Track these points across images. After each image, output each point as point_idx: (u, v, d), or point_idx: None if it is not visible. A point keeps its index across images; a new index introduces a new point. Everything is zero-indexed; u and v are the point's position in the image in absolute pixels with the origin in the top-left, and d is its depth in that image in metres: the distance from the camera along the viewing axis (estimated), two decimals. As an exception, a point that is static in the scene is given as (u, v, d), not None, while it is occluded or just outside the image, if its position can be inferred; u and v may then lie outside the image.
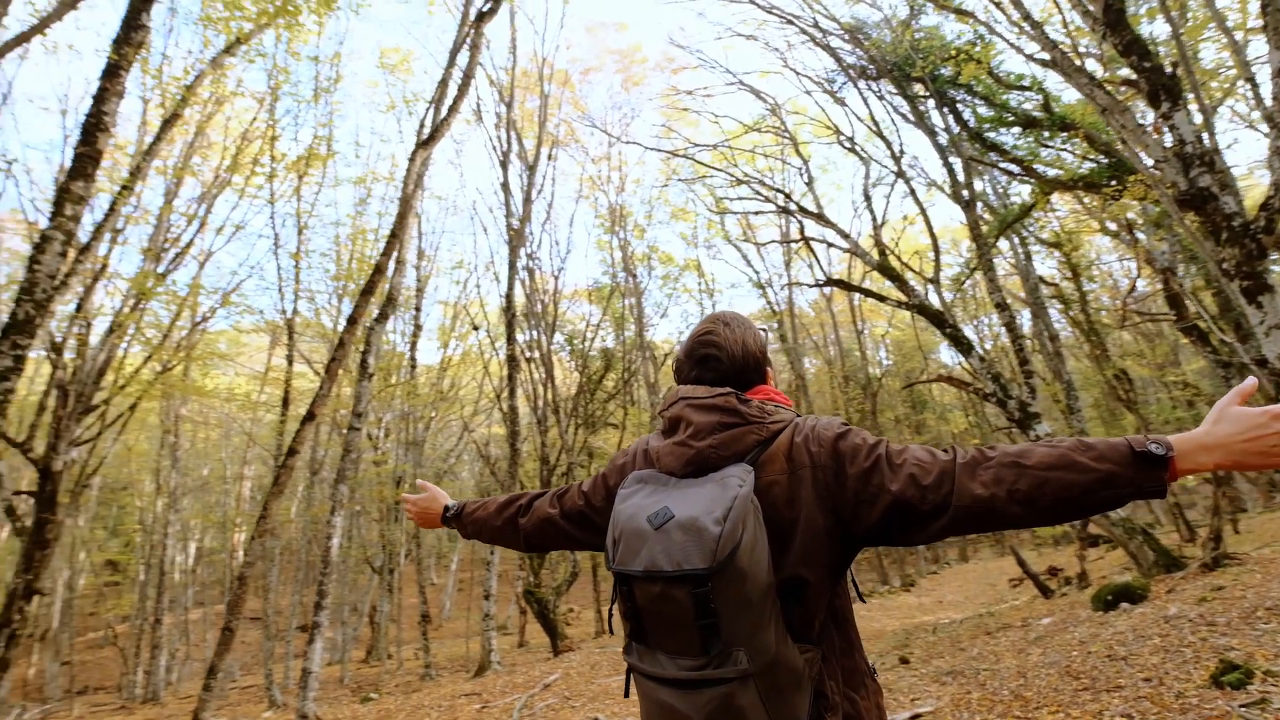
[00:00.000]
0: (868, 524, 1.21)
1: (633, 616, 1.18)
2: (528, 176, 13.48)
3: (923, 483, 1.15)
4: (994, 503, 1.10)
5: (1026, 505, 1.09)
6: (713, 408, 1.30)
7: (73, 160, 5.06)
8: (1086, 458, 1.07)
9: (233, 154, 13.54)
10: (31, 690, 21.09)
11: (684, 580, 1.08)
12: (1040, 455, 1.10)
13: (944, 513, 1.14)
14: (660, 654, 1.15)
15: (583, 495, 1.55)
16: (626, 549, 1.17)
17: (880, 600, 15.17)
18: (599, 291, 20.33)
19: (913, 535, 1.20)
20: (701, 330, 1.47)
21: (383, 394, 16.32)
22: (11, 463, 15.28)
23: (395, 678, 15.19)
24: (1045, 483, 1.08)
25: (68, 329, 12.70)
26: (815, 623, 1.23)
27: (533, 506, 1.63)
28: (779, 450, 1.26)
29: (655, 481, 1.27)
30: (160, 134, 8.75)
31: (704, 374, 1.42)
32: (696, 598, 1.07)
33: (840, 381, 21.10)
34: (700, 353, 1.43)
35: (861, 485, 1.20)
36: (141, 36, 5.47)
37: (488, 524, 1.72)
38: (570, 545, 1.60)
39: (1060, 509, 1.08)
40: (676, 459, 1.28)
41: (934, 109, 11.84)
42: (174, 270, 13.46)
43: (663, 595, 1.10)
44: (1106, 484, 1.05)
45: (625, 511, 1.22)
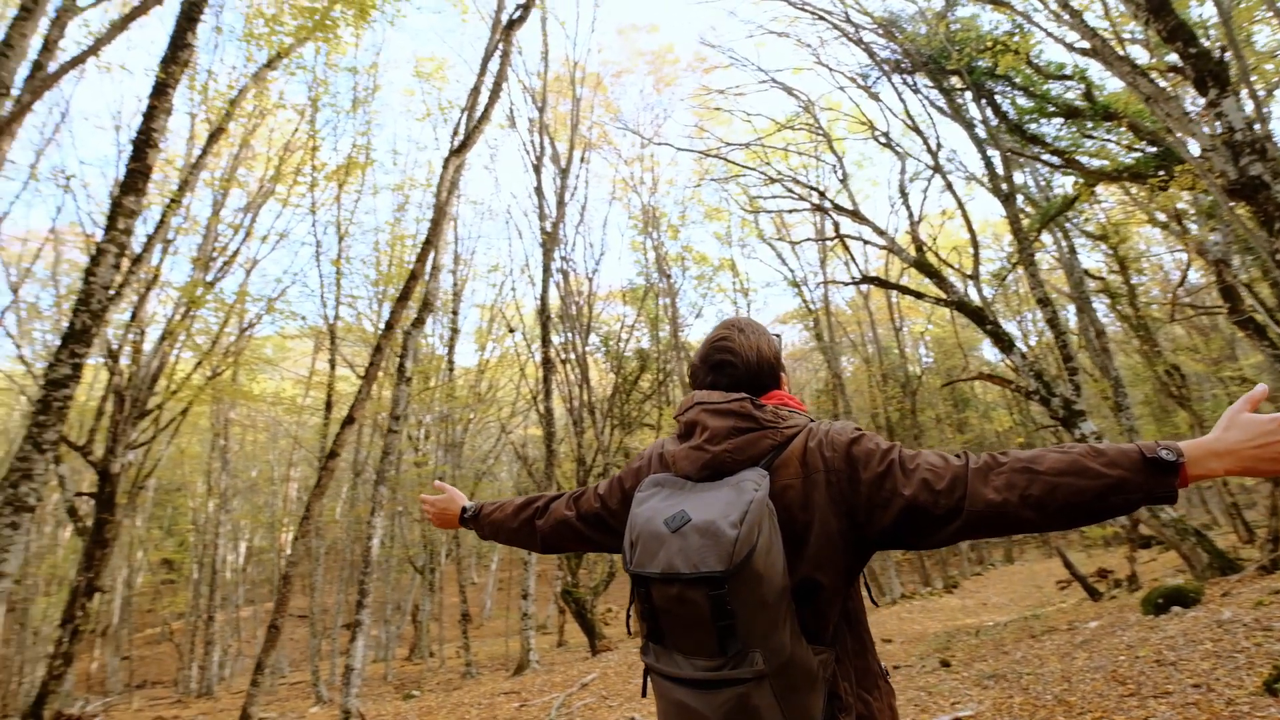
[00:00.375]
0: (881, 527, 1.22)
1: (650, 617, 1.19)
2: (561, 180, 13.60)
3: (936, 487, 1.17)
4: (1006, 507, 1.11)
5: (1038, 510, 1.10)
6: (728, 413, 1.32)
7: (124, 176, 5.27)
8: (1098, 464, 1.08)
9: (276, 164, 13.95)
10: (94, 683, 21.98)
11: (701, 582, 1.09)
12: (1052, 461, 1.11)
13: (956, 517, 1.16)
14: (677, 654, 1.17)
15: (598, 498, 1.57)
16: (644, 551, 1.19)
17: (922, 602, 14.91)
18: (633, 292, 20.38)
19: (925, 539, 1.22)
20: (716, 336, 1.49)
21: (422, 396, 16.62)
22: (73, 465, 15.96)
23: (437, 675, 15.45)
24: (1057, 488, 1.09)
25: (123, 337, 13.23)
26: (829, 625, 1.25)
27: (549, 508, 1.66)
28: (793, 455, 1.28)
29: (671, 485, 1.29)
30: (206, 148, 9.07)
31: (719, 379, 1.43)
32: (713, 599, 1.09)
33: (879, 380, 20.80)
34: (715, 358, 1.45)
35: (875, 490, 1.22)
36: (187, 55, 5.67)
37: (504, 525, 1.74)
38: (586, 547, 1.62)
39: (1072, 514, 1.10)
40: (692, 463, 1.30)
41: (971, 101, 11.60)
42: (222, 278, 13.93)
43: (680, 597, 1.12)
44: (1117, 489, 1.06)
45: (642, 514, 1.24)
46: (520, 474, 23.70)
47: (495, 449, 22.46)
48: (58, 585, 20.29)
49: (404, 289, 6.09)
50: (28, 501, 4.66)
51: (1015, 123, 11.49)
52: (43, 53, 6.64)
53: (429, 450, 18.38)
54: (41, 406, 4.80)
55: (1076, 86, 10.89)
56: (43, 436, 4.75)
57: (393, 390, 6.55)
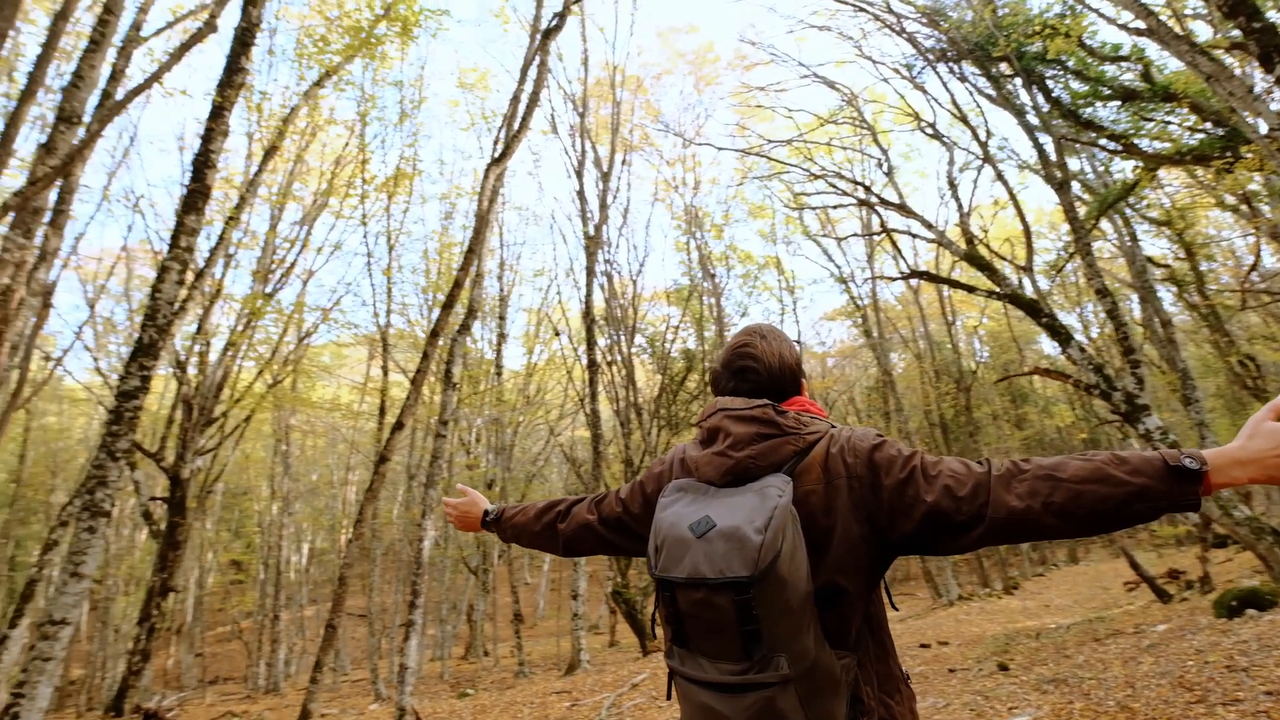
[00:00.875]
0: (903, 533, 1.24)
1: (674, 621, 1.20)
2: (602, 183, 13.70)
3: (958, 494, 1.18)
4: (1029, 514, 1.13)
5: (1061, 517, 1.12)
6: (751, 419, 1.33)
7: (185, 196, 5.54)
8: (1121, 471, 1.09)
9: (328, 178, 14.43)
10: (170, 679, 23.07)
11: (727, 587, 1.11)
12: (1075, 469, 1.13)
13: (979, 523, 1.17)
14: (701, 658, 1.18)
15: (620, 502, 1.59)
16: (669, 556, 1.20)
17: (980, 603, 14.50)
18: (678, 293, 20.38)
19: (947, 545, 1.23)
20: (738, 342, 1.50)
21: (471, 400, 16.96)
22: (147, 471, 16.79)
23: (491, 674, 15.72)
24: (1080, 495, 1.10)
25: (190, 348, 13.87)
26: (851, 629, 1.26)
27: (571, 512, 1.67)
28: (815, 461, 1.29)
29: (695, 490, 1.30)
30: (262, 165, 9.44)
31: (741, 385, 1.45)
32: (739, 604, 1.10)
33: (931, 376, 20.31)
34: (738, 364, 1.47)
35: (897, 496, 1.23)
36: (241, 79, 5.92)
37: (527, 529, 1.76)
38: (608, 551, 1.64)
39: (1094, 521, 1.11)
40: (715, 469, 1.31)
41: (1021, 88, 11.24)
42: (280, 290, 14.49)
43: (705, 601, 1.13)
44: (1140, 498, 1.07)
45: (666, 519, 1.25)
46: (569, 476, 23.94)
47: (545, 451, 22.73)
48: (135, 585, 21.37)
49: (448, 296, 6.24)
50: (103, 507, 4.94)
51: (1068, 108, 11.08)
52: (110, 81, 7.03)
53: (480, 453, 18.73)
54: (114, 417, 5.08)
55: (1134, 67, 10.45)
56: (116, 445, 5.03)
57: (441, 395, 6.71)
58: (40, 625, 4.68)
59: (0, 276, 5.38)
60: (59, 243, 6.04)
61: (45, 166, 4.98)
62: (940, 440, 19.88)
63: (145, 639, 13.66)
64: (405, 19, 7.76)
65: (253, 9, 6.08)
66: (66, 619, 4.71)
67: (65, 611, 4.71)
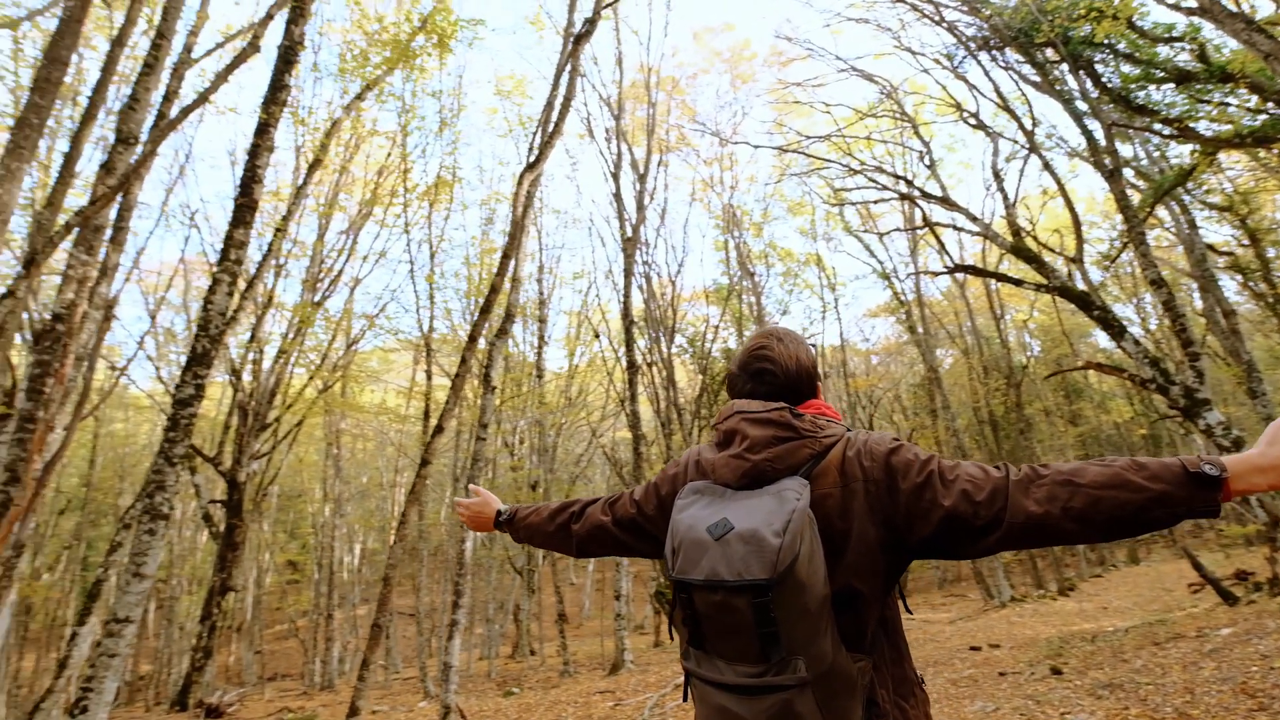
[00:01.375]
0: (920, 537, 1.24)
1: (692, 623, 1.21)
2: (639, 185, 13.74)
3: (975, 499, 1.19)
4: (1048, 519, 1.13)
5: (1080, 522, 1.12)
6: (768, 421, 1.34)
7: (233, 210, 5.75)
8: (1140, 477, 1.09)
9: (372, 188, 14.81)
10: (232, 675, 23.92)
11: (745, 589, 1.11)
12: (1094, 474, 1.13)
13: (996, 528, 1.17)
14: (718, 660, 1.19)
15: (634, 503, 1.59)
16: (686, 558, 1.20)
17: (1033, 605, 14.07)
18: (718, 292, 20.30)
19: (965, 549, 1.23)
20: (755, 345, 1.51)
21: (514, 402, 17.20)
22: (206, 475, 17.47)
23: (537, 674, 15.89)
24: (1099, 501, 1.10)
25: (244, 356, 14.39)
26: (867, 632, 1.27)
27: (585, 513, 1.67)
28: (832, 464, 1.30)
29: (711, 493, 1.31)
30: (307, 177, 9.75)
31: (758, 388, 1.46)
32: (757, 607, 1.11)
33: (979, 372, 19.79)
34: (755, 366, 1.48)
35: (914, 500, 1.24)
36: (285, 95, 6.12)
37: (540, 529, 1.76)
38: (622, 552, 1.64)
39: (1113, 527, 1.12)
40: (732, 471, 1.31)
41: (1068, 73, 10.89)
42: (328, 298, 14.91)
43: (723, 604, 1.14)
44: (1159, 503, 1.08)
45: (684, 522, 1.25)
46: (611, 477, 24.07)
47: (587, 453, 22.88)
48: (198, 585, 22.23)
49: (485, 301, 6.35)
50: (162, 510, 5.16)
51: (1119, 92, 10.69)
52: (164, 102, 7.34)
53: (523, 455, 18.96)
54: (171, 424, 5.31)
55: (1188, 48, 10.02)
56: (173, 451, 5.25)
57: (479, 399, 6.84)
58: (106, 623, 4.92)
59: (65, 292, 5.67)
60: (119, 258, 6.36)
61: (105, 186, 5.23)
62: (990, 438, 19.37)
63: (207, 636, 14.21)
64: (441, 30, 7.95)
65: (294, 28, 6.29)
66: (130, 617, 4.94)
67: (128, 610, 4.93)
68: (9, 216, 5.30)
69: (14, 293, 4.26)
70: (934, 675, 7.96)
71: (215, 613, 14.31)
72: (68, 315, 5.25)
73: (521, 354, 19.38)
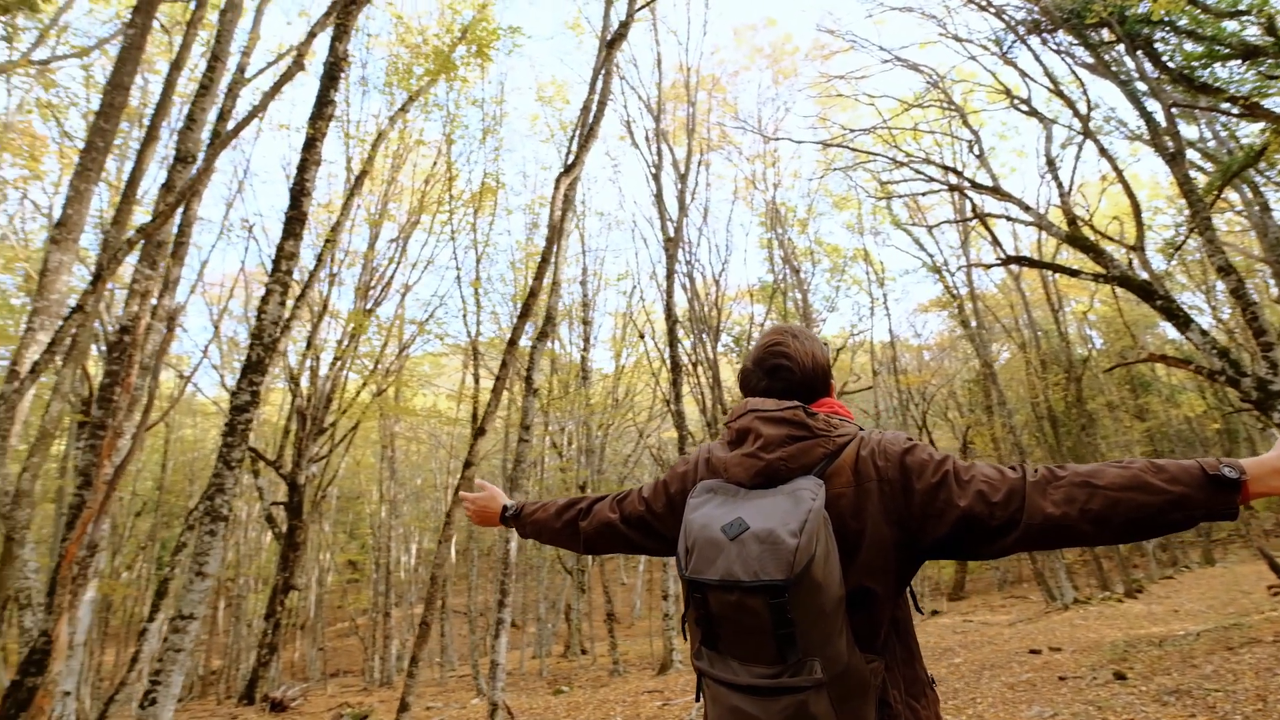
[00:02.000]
0: (935, 537, 1.25)
1: (705, 623, 1.21)
2: (680, 185, 13.74)
3: (991, 499, 1.19)
4: (1065, 521, 1.13)
5: (1098, 524, 1.12)
6: (781, 420, 1.34)
7: (284, 223, 5.97)
8: (1159, 480, 1.10)
9: (420, 197, 15.18)
10: (297, 670, 24.76)
11: (761, 590, 1.11)
12: (1112, 476, 1.13)
13: (1013, 529, 1.17)
14: (732, 660, 1.18)
15: (643, 501, 1.58)
16: (700, 558, 1.20)
17: (1098, 607, 13.54)
18: (763, 290, 20.13)
19: (980, 550, 1.24)
20: (771, 341, 1.51)
21: (560, 403, 17.39)
22: (270, 479, 18.17)
23: (588, 672, 16.03)
24: (1118, 503, 1.11)
25: (301, 362, 14.91)
26: (880, 632, 1.27)
27: (593, 510, 1.67)
28: (845, 463, 1.30)
29: (725, 492, 1.30)
30: (353, 189, 10.04)
31: (774, 384, 1.46)
32: (774, 608, 1.11)
33: (1037, 367, 19.12)
34: (771, 362, 1.48)
35: (929, 500, 1.24)
36: (331, 110, 6.33)
37: (547, 526, 1.75)
38: (629, 549, 1.64)
39: (1131, 529, 1.12)
40: (746, 470, 1.31)
41: (1124, 54, 10.45)
42: (379, 305, 15.34)
43: (739, 604, 1.14)
44: (1178, 506, 1.08)
45: (697, 521, 1.25)
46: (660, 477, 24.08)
47: (635, 453, 22.96)
48: (264, 584, 23.11)
49: (524, 305, 6.45)
50: (221, 511, 5.40)
51: (1180, 71, 10.19)
52: (219, 121, 7.67)
53: (571, 455, 19.15)
54: (228, 429, 5.54)
55: (1256, 21, 9.50)
56: (231, 455, 5.48)
57: (521, 402, 6.94)
58: (171, 620, 5.16)
59: (130, 305, 5.97)
60: (179, 271, 6.69)
61: (165, 203, 5.51)
62: (1050, 434, 18.70)
63: (271, 633, 14.78)
64: (480, 39, 8.10)
65: (338, 45, 6.50)
66: (193, 614, 5.17)
67: (192, 607, 5.17)
68: (79, 234, 5.62)
69: (82, 307, 4.53)
70: (989, 679, 7.76)
71: (279, 610, 14.87)
72: (133, 327, 5.56)
73: (569, 356, 19.57)
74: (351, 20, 6.59)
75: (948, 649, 10.64)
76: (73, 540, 4.95)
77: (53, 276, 5.06)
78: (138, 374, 5.93)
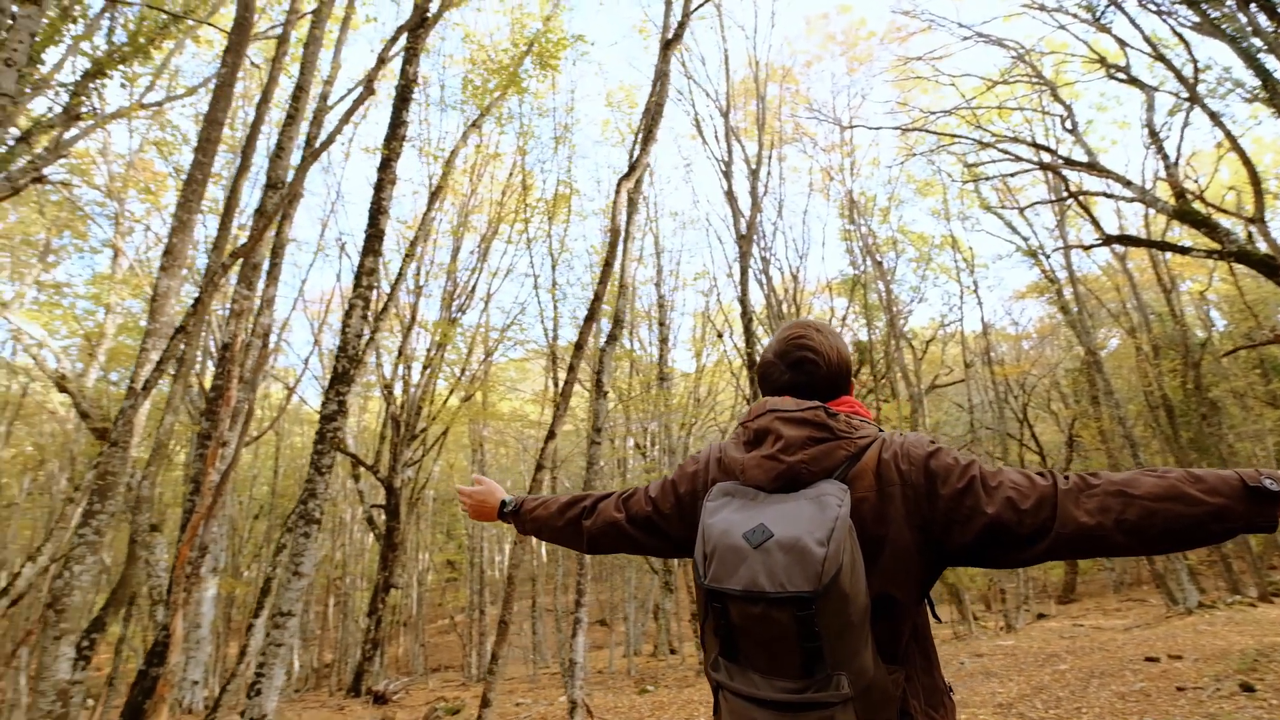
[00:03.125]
0: (960, 544, 1.21)
1: (725, 634, 1.17)
2: (752, 180, 13.57)
3: (1021, 507, 1.16)
4: (1100, 531, 1.11)
5: (1133, 535, 1.10)
6: (803, 421, 1.30)
7: (364, 241, 6.30)
8: (1197, 490, 1.07)
9: (497, 207, 15.67)
10: (401, 665, 25.99)
11: (788, 602, 1.08)
12: (1149, 486, 1.10)
13: (1043, 538, 1.15)
14: (753, 673, 1.15)
15: (650, 501, 1.53)
16: (721, 566, 1.16)
17: (1226, 612, 12.43)
18: (844, 283, 19.61)
19: (1005, 558, 1.21)
20: (794, 334, 1.48)
21: (639, 405, 17.53)
22: (370, 483, 19.16)
23: (676, 672, 16.04)
24: (1154, 514, 1.08)
25: (394, 372, 15.66)
26: (902, 641, 1.24)
27: (597, 509, 1.62)
28: (867, 467, 1.26)
29: (743, 495, 1.26)
30: (429, 204, 10.47)
31: (798, 378, 1.43)
32: (801, 620, 1.07)
33: (1148, 353, 17.73)
34: (795, 355, 1.44)
35: (954, 506, 1.20)
36: (403, 131, 6.64)
37: (549, 524, 1.71)
38: (634, 550, 1.60)
39: (1167, 540, 1.10)
40: (765, 473, 1.27)
41: (1235, 9, 9.57)
42: (463, 314, 15.92)
43: (763, 616, 1.10)
44: (1217, 518, 1.06)
45: (716, 526, 1.21)
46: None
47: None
48: (367, 583, 24.41)
49: (589, 309, 6.55)
50: (314, 515, 5.75)
51: (1302, 22, 9.25)
52: (306, 147, 8.16)
53: (655, 456, 19.25)
54: (319, 438, 5.90)
55: (1392, -41, 8.51)
56: (321, 462, 5.83)
57: (591, 405, 7.04)
58: (272, 616, 5.55)
59: (229, 323, 6.44)
60: (274, 291, 7.19)
61: (257, 227, 5.93)
62: (1165, 424, 17.31)
63: (374, 629, 15.59)
64: (545, 50, 8.28)
65: (409, 68, 6.79)
66: (291, 611, 5.54)
67: (290, 604, 5.53)
68: (184, 261, 6.12)
69: (185, 328, 4.93)
70: (1098, 688, 7.29)
71: (380, 608, 15.66)
72: (231, 344, 6.02)
73: (649, 356, 19.70)
74: (420, 44, 6.87)
75: (1052, 655, 10.05)
76: (184, 542, 5.40)
77: (161, 301, 5.53)
78: (239, 387, 6.40)
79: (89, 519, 5.13)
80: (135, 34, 9.58)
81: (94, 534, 5.09)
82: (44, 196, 12.55)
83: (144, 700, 5.41)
